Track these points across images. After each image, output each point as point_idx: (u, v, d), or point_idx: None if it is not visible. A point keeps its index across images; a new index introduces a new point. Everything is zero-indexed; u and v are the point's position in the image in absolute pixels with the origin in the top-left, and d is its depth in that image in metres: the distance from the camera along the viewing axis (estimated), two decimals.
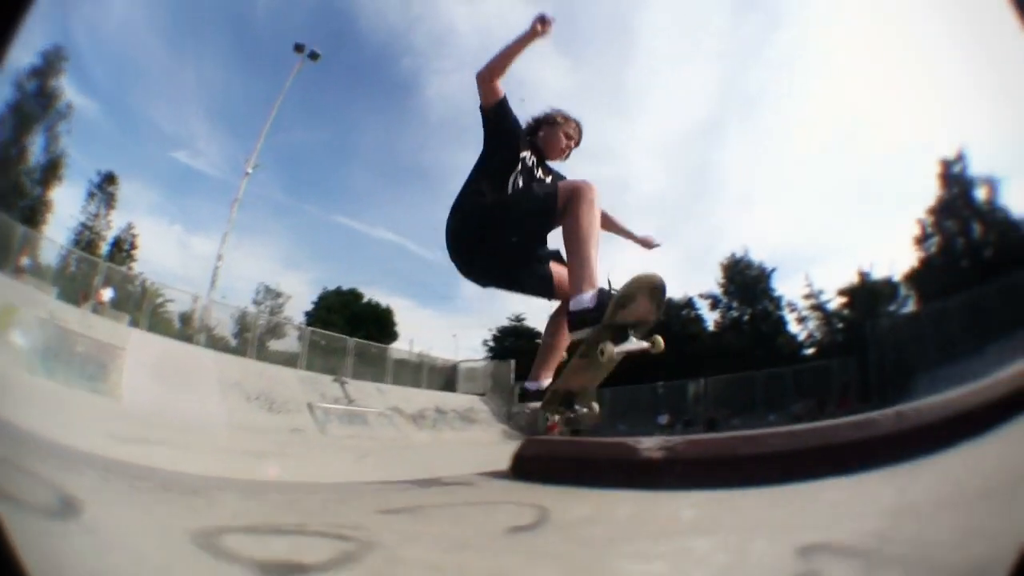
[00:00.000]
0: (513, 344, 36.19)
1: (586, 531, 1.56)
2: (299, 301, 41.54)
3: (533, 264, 2.92)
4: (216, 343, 19.98)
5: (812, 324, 32.74)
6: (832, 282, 37.80)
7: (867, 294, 29.31)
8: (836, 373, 21.55)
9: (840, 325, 31.02)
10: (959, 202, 26.73)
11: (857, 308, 29.27)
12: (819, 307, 32.37)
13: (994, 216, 25.34)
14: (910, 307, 27.60)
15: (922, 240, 28.00)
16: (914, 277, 28.21)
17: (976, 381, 2.03)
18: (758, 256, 35.51)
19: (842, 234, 48.68)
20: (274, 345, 23.22)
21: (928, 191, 28.40)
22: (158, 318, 19.83)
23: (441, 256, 3.02)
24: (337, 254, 59.17)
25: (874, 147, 49.75)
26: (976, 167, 26.86)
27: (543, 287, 2.95)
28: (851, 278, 31.06)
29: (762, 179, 56.55)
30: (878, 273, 29.74)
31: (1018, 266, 18.21)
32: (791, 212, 53.28)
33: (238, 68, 52.27)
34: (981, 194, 26.25)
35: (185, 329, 20.39)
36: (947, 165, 27.51)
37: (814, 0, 52.91)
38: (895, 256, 40.50)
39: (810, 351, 31.21)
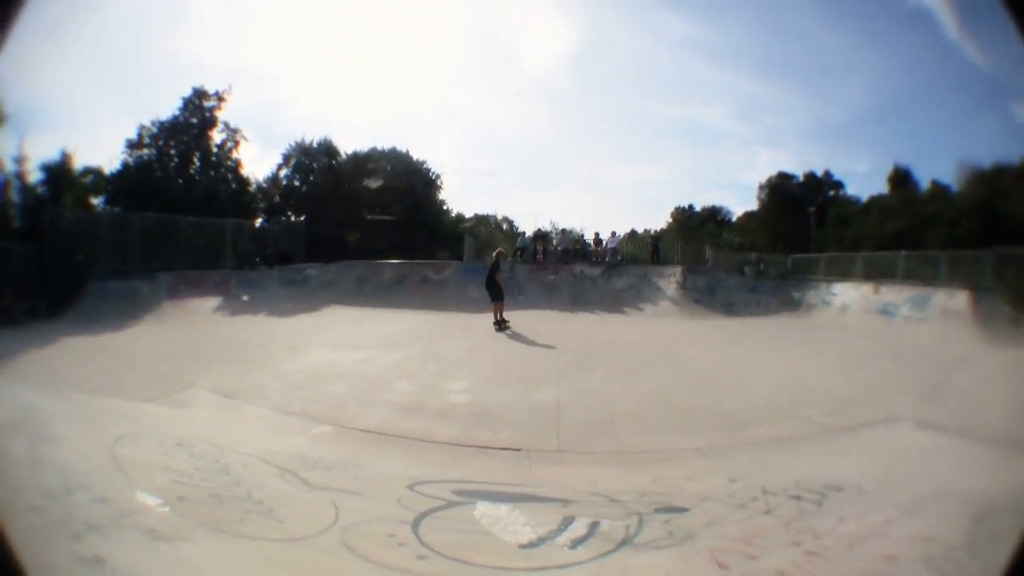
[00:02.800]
0: None
1: None
2: None
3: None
4: None
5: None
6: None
7: (58, 179, 24.65)
8: (19, 259, 18.48)
9: (35, 204, 24.06)
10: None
11: (51, 189, 24.40)
12: (20, 177, 24.28)
13: None
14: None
15: None
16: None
17: None
18: None
19: None
20: None
21: None
22: None
23: None
24: None
25: None
26: None
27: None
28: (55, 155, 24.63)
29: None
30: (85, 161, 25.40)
31: None
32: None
33: None
34: None
35: None
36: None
37: None
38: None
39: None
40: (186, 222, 19.26)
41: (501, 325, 12.79)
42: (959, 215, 26.79)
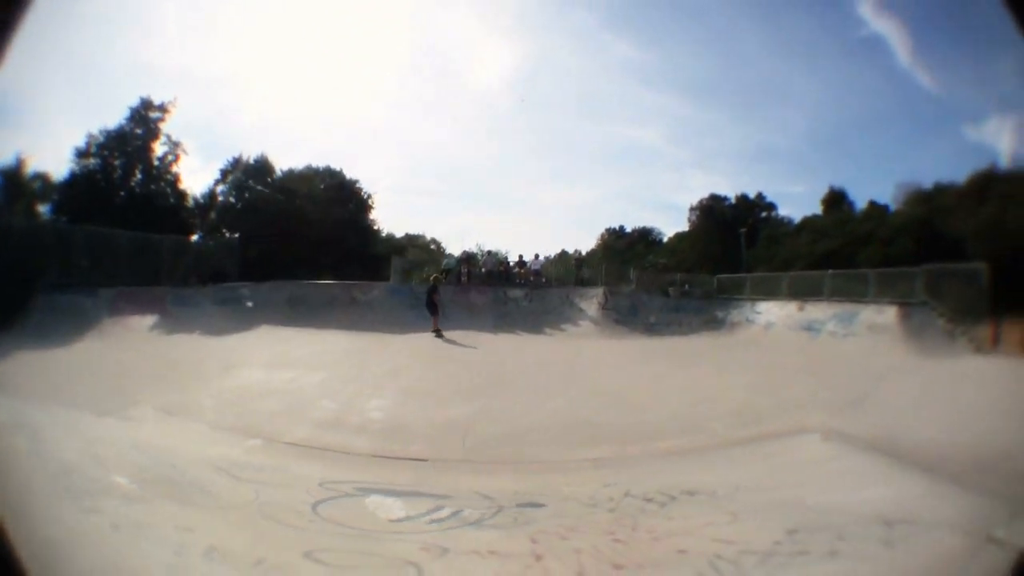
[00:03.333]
0: None
1: None
2: None
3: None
4: None
5: None
6: None
7: (12, 184, 24.92)
8: None
9: None
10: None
11: (7, 195, 25.09)
12: None
13: None
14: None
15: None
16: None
17: None
18: None
19: None
20: None
21: None
22: None
23: None
24: None
25: None
26: None
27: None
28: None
29: None
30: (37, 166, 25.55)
31: None
32: None
33: None
34: None
35: None
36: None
37: None
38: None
39: None
40: (126, 237, 19.62)
41: (438, 333, 16.48)
42: (894, 233, 27.08)
